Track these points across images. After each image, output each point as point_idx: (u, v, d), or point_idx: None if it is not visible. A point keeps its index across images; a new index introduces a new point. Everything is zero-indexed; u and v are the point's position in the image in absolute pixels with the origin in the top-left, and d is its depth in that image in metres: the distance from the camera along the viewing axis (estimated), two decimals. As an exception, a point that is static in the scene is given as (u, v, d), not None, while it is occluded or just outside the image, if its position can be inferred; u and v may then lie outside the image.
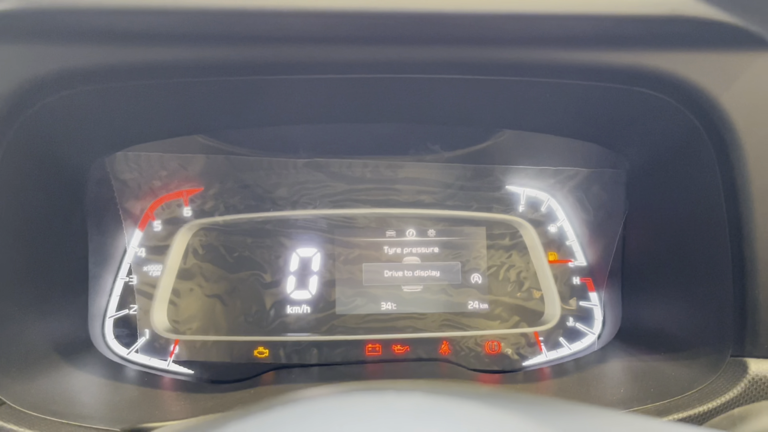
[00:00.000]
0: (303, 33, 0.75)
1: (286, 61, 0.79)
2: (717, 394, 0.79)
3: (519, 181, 1.21)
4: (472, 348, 1.17)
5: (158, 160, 1.12)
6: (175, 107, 0.93)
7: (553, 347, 1.18)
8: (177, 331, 1.13)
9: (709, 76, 0.79)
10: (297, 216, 1.17)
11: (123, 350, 1.11)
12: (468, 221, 1.20)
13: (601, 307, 1.19)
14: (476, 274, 1.18)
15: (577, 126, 1.04)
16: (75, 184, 1.00)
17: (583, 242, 1.21)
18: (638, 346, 1.06)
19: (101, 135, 0.97)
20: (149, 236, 1.14)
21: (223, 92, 0.88)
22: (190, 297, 1.14)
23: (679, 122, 0.86)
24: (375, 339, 1.16)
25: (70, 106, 0.82)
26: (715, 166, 0.83)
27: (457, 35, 0.76)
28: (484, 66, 0.81)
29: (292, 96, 0.91)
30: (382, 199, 1.18)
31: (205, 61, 0.77)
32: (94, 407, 0.87)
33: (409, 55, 0.78)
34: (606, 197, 1.17)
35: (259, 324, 1.14)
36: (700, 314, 0.91)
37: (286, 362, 1.14)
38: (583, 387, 1.00)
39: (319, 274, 1.16)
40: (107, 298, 1.12)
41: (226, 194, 1.16)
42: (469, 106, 0.98)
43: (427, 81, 0.85)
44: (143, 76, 0.79)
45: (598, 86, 0.85)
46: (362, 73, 0.82)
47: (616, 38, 0.78)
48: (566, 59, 0.79)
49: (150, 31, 0.74)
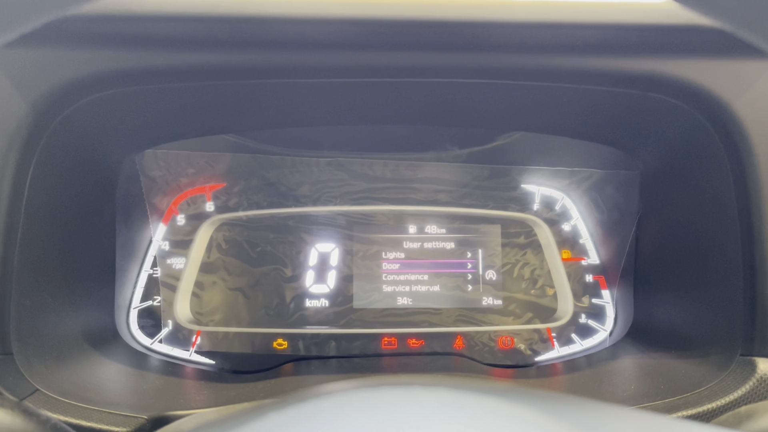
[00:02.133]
0: (328, 39, 0.77)
1: (311, 66, 0.81)
2: (726, 393, 0.80)
3: (534, 181, 1.22)
4: (485, 343, 1.18)
5: (186, 157, 1.14)
6: (203, 108, 0.95)
7: (565, 343, 1.19)
8: (199, 323, 1.15)
9: (723, 83, 0.80)
10: (318, 212, 1.18)
11: (147, 340, 1.13)
12: (484, 219, 1.21)
13: (613, 304, 1.20)
14: (491, 271, 1.20)
15: (592, 129, 1.05)
16: (107, 180, 1.02)
17: (596, 241, 1.22)
18: (649, 344, 1.07)
19: (133, 134, 1.00)
20: (173, 230, 1.16)
21: (249, 94, 0.90)
22: (213, 290, 1.16)
23: (692, 127, 0.87)
24: (391, 333, 1.17)
25: (104, 107, 0.85)
26: (728, 169, 0.83)
27: (478, 42, 0.78)
28: (504, 71, 0.83)
29: (316, 99, 0.93)
30: (401, 197, 1.20)
31: (234, 66, 0.79)
32: (122, 395, 0.89)
33: (430, 61, 0.80)
34: (620, 198, 1.17)
35: (279, 316, 1.16)
36: (711, 313, 0.91)
37: (305, 354, 1.16)
38: (595, 383, 1.01)
39: (338, 269, 1.18)
40: (132, 290, 1.14)
41: (250, 191, 1.17)
42: (488, 109, 0.99)
43: (448, 85, 0.86)
44: (174, 79, 0.81)
45: (614, 91, 0.86)
46: (384, 78, 0.84)
47: (633, 46, 0.79)
48: (583, 66, 0.81)
49: (181, 37, 0.76)
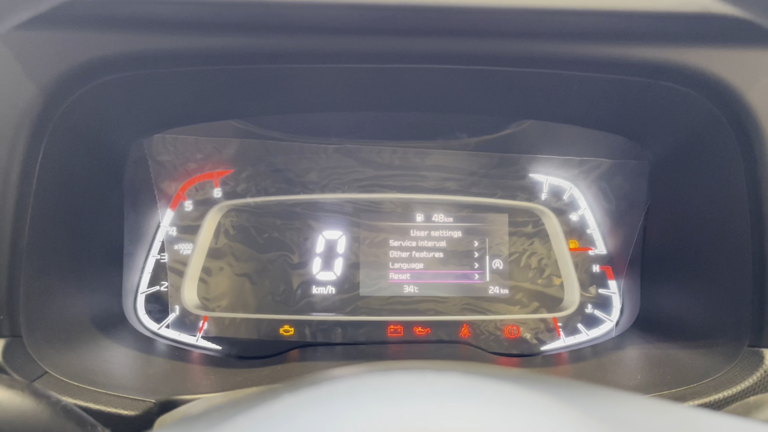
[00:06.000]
0: (338, 25, 0.77)
1: (318, 52, 0.80)
2: (733, 383, 0.80)
3: (543, 170, 1.21)
4: (491, 332, 1.18)
5: (194, 143, 1.14)
6: (211, 93, 0.95)
7: (571, 333, 1.19)
8: (206, 308, 1.15)
9: (735, 71, 0.80)
10: (325, 199, 1.18)
11: (154, 325, 1.14)
12: (491, 208, 1.21)
13: (619, 294, 1.20)
14: (498, 259, 1.20)
15: (602, 117, 1.04)
16: (115, 164, 1.03)
17: (603, 231, 1.22)
18: (656, 334, 1.07)
19: (141, 118, 1.00)
20: (181, 215, 1.17)
21: (257, 80, 0.90)
22: (220, 275, 1.16)
23: (704, 116, 0.87)
24: (397, 321, 1.18)
25: (113, 91, 0.84)
26: (739, 159, 0.83)
27: (488, 29, 0.77)
28: (514, 58, 0.82)
29: (324, 84, 0.93)
30: (409, 185, 1.20)
31: (243, 50, 0.79)
32: (129, 378, 0.90)
33: (440, 47, 0.80)
34: (629, 188, 1.17)
35: (286, 303, 1.16)
36: (719, 304, 0.91)
37: (311, 340, 1.16)
38: (600, 372, 1.01)
39: (345, 257, 1.18)
40: (140, 275, 1.15)
41: (258, 177, 1.17)
42: (497, 97, 0.99)
43: (457, 72, 0.86)
44: (183, 63, 0.81)
45: (624, 80, 0.86)
46: (393, 63, 0.83)
47: (646, 34, 0.79)
48: (595, 53, 0.80)
49: (191, 21, 0.76)
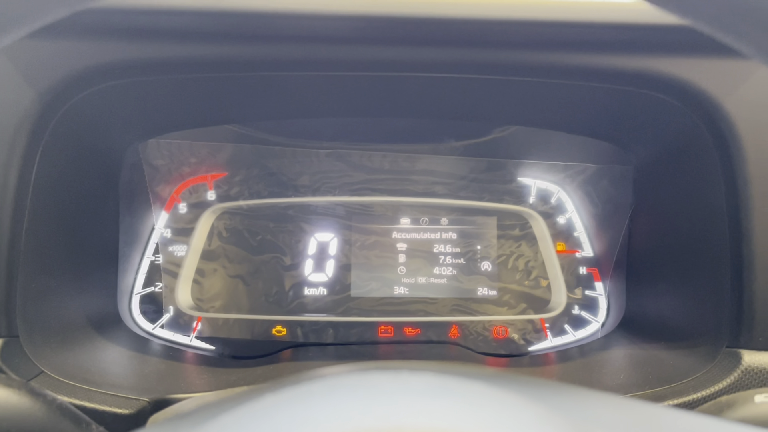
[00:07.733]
0: (330, 35, 0.78)
1: (312, 60, 0.82)
2: (711, 383, 0.81)
3: (530, 174, 1.23)
4: (480, 332, 1.20)
5: (188, 147, 1.16)
6: (206, 99, 0.97)
7: (558, 334, 1.21)
8: (200, 309, 1.17)
9: (713, 80, 0.81)
10: (317, 202, 1.20)
11: (149, 325, 1.15)
12: (480, 211, 1.22)
13: (605, 296, 1.22)
14: (486, 262, 1.22)
15: (587, 124, 1.06)
16: (111, 168, 1.04)
17: (590, 234, 1.23)
18: (640, 335, 1.08)
19: (136, 123, 1.02)
20: (175, 218, 1.18)
21: (252, 87, 0.91)
22: (214, 277, 1.18)
23: (684, 123, 0.88)
24: (388, 321, 1.19)
25: (109, 97, 0.86)
26: (717, 164, 0.84)
27: (474, 40, 0.79)
28: (498, 67, 0.84)
29: (317, 91, 0.95)
30: (399, 189, 1.21)
31: (237, 59, 0.81)
32: (124, 378, 0.91)
33: (428, 56, 0.81)
34: (614, 192, 1.18)
35: (278, 304, 1.18)
36: (700, 306, 0.92)
37: (303, 341, 1.18)
38: (586, 372, 1.02)
39: (336, 259, 1.20)
40: (134, 276, 1.16)
41: (251, 180, 1.19)
42: (483, 104, 1.00)
43: (445, 80, 0.87)
44: (178, 71, 0.83)
45: (608, 88, 0.87)
46: (383, 72, 0.85)
47: (626, 44, 0.80)
48: (578, 63, 0.82)
49: (186, 30, 0.78)
